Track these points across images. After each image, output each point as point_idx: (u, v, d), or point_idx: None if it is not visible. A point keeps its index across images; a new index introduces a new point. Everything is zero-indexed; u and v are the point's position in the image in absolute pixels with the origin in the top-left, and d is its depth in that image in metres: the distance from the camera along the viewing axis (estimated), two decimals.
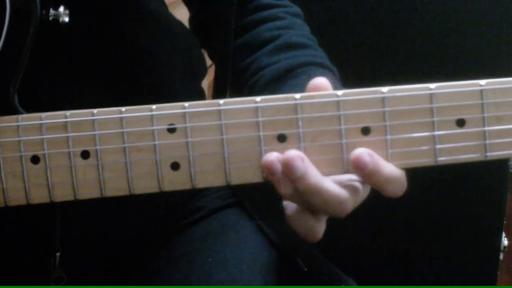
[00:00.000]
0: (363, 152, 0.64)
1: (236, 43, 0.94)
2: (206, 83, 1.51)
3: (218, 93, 0.94)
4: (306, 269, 0.84)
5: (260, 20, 0.94)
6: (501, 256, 1.59)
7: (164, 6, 0.91)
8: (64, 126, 0.67)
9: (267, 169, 0.64)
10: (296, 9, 0.99)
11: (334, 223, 0.70)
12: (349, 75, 0.87)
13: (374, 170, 0.64)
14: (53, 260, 0.83)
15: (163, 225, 0.93)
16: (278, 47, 0.90)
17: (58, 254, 0.83)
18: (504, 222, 1.56)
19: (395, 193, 0.66)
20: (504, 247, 1.60)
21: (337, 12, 1.42)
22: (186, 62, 0.92)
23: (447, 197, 1.54)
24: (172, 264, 0.88)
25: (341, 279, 0.88)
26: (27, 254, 0.84)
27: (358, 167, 0.64)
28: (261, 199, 0.93)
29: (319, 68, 0.86)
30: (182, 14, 1.02)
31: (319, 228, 0.67)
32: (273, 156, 0.64)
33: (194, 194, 0.97)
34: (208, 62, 1.02)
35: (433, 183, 1.51)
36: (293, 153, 0.64)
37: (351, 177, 0.67)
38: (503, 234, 1.58)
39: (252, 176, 0.66)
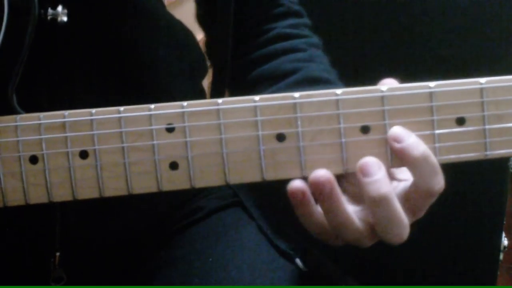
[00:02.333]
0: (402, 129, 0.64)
1: (257, 72, 0.93)
2: (207, 82, 1.50)
3: (216, 94, 0.93)
4: (306, 269, 0.84)
5: (281, 50, 0.93)
6: (501, 256, 1.58)
7: (163, 6, 0.90)
8: (63, 126, 0.66)
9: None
10: (315, 39, 0.98)
11: None
12: (349, 74, 0.87)
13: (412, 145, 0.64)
14: (53, 260, 0.83)
15: (163, 225, 0.93)
16: (300, 81, 0.89)
17: (58, 253, 0.83)
18: (504, 222, 1.56)
19: (430, 181, 0.66)
20: (504, 247, 1.59)
21: (337, 11, 1.42)
22: (186, 61, 0.92)
23: (447, 197, 1.53)
24: (172, 264, 0.88)
25: (341, 279, 0.88)
26: (27, 253, 0.84)
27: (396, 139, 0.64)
28: (261, 199, 0.93)
29: None
30: (182, 14, 1.02)
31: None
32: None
33: (194, 194, 0.97)
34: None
35: None
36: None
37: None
38: (503, 234, 1.58)
39: (251, 176, 0.66)
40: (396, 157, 0.65)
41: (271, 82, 0.91)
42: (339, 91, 0.64)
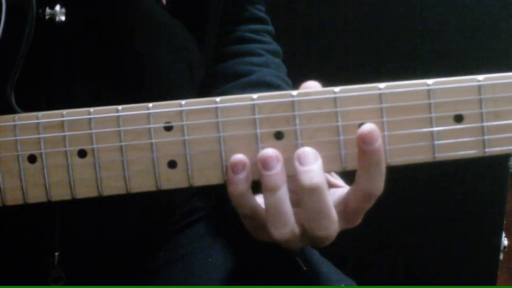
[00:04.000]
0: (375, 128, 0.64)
1: (212, 69, 0.95)
2: None
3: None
4: (305, 269, 0.84)
5: (238, 52, 0.96)
6: (501, 256, 1.59)
7: (162, 6, 0.90)
8: (61, 125, 0.66)
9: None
10: (275, 47, 1.00)
11: None
12: (348, 72, 0.87)
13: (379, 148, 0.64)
14: (52, 260, 0.83)
15: (163, 225, 0.93)
16: (250, 83, 0.91)
17: (57, 253, 0.82)
18: (504, 222, 1.56)
19: (377, 184, 0.66)
20: (504, 247, 1.60)
21: (337, 10, 1.42)
22: (185, 61, 0.92)
23: (447, 197, 1.54)
24: (172, 264, 0.88)
25: (341, 279, 0.88)
26: (26, 253, 0.84)
27: (368, 140, 0.64)
28: None
29: None
30: None
31: None
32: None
33: (193, 194, 0.96)
34: None
35: (433, 183, 1.51)
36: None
37: None
38: (503, 234, 1.58)
39: None
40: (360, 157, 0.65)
41: (224, 80, 0.93)
42: (337, 88, 0.64)
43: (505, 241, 1.59)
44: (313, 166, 0.64)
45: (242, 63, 0.94)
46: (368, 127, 0.63)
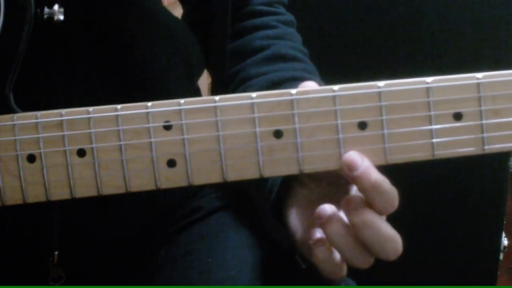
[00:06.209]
0: (355, 154, 0.64)
1: (228, 47, 0.94)
2: (207, 83, 1.51)
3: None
4: (304, 266, 0.84)
5: (252, 27, 0.95)
6: (501, 256, 1.59)
7: (161, 4, 0.90)
8: (60, 125, 0.66)
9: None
10: (289, 17, 0.99)
11: None
12: (347, 71, 0.87)
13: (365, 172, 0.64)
14: (51, 259, 0.83)
15: (163, 225, 0.92)
16: (267, 58, 0.90)
17: (56, 252, 0.82)
18: (504, 222, 1.56)
19: (384, 208, 0.66)
20: (504, 247, 1.60)
21: (336, 9, 1.42)
22: (184, 60, 0.92)
23: (447, 197, 1.54)
24: (172, 263, 0.88)
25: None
26: (25, 252, 0.84)
27: (349, 168, 0.64)
28: (259, 197, 0.93)
29: None
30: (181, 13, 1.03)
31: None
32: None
33: (193, 194, 0.96)
34: None
35: (433, 183, 1.51)
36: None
37: None
38: (503, 234, 1.58)
39: (249, 172, 0.66)
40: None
41: (241, 57, 0.92)
42: (336, 87, 0.64)
43: (505, 241, 1.60)
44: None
45: (257, 37, 0.93)
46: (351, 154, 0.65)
